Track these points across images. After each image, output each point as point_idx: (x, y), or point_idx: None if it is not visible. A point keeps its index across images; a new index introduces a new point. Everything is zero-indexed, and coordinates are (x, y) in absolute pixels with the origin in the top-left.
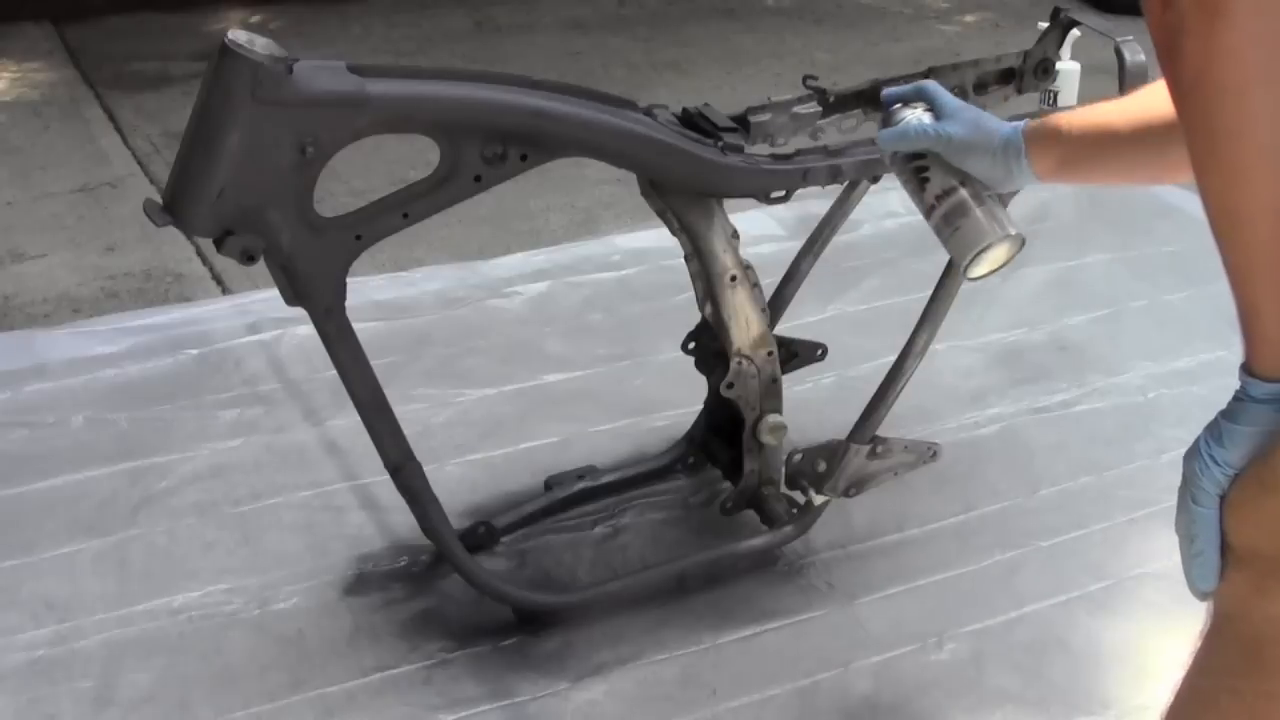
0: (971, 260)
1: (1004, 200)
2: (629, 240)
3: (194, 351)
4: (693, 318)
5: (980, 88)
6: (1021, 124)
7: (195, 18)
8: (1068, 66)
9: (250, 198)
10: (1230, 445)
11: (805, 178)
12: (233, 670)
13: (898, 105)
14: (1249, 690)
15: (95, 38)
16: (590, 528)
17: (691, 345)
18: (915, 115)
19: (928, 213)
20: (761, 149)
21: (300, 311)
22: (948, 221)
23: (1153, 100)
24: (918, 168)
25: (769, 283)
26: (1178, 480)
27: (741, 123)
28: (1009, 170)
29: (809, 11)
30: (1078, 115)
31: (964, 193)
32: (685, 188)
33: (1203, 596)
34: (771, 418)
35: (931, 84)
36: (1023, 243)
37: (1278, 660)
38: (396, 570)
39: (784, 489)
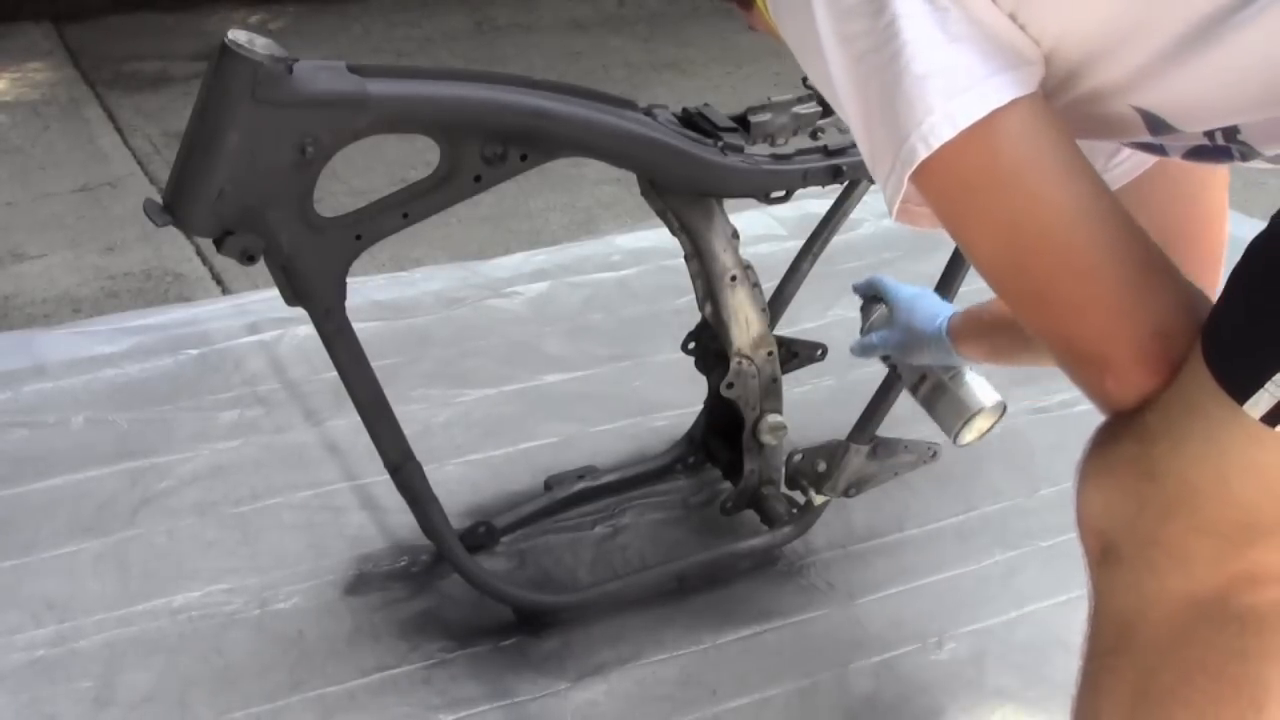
0: (955, 434)
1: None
2: (629, 240)
3: (194, 351)
4: (693, 318)
5: None
6: (946, 318)
7: (195, 18)
8: None
9: (250, 198)
10: None
11: (805, 178)
12: (233, 670)
13: (868, 301)
14: (1125, 666)
15: (95, 38)
16: (590, 528)
17: (691, 345)
18: (878, 316)
19: (913, 396)
20: (761, 149)
21: (300, 311)
22: (927, 406)
23: None
24: (891, 364)
25: (769, 283)
26: None
27: (741, 123)
28: (951, 358)
29: None
30: (995, 302)
31: (929, 382)
32: (685, 188)
33: None
34: (771, 418)
35: (880, 279)
36: (1003, 409)
37: (1145, 636)
38: (396, 570)
39: (784, 489)
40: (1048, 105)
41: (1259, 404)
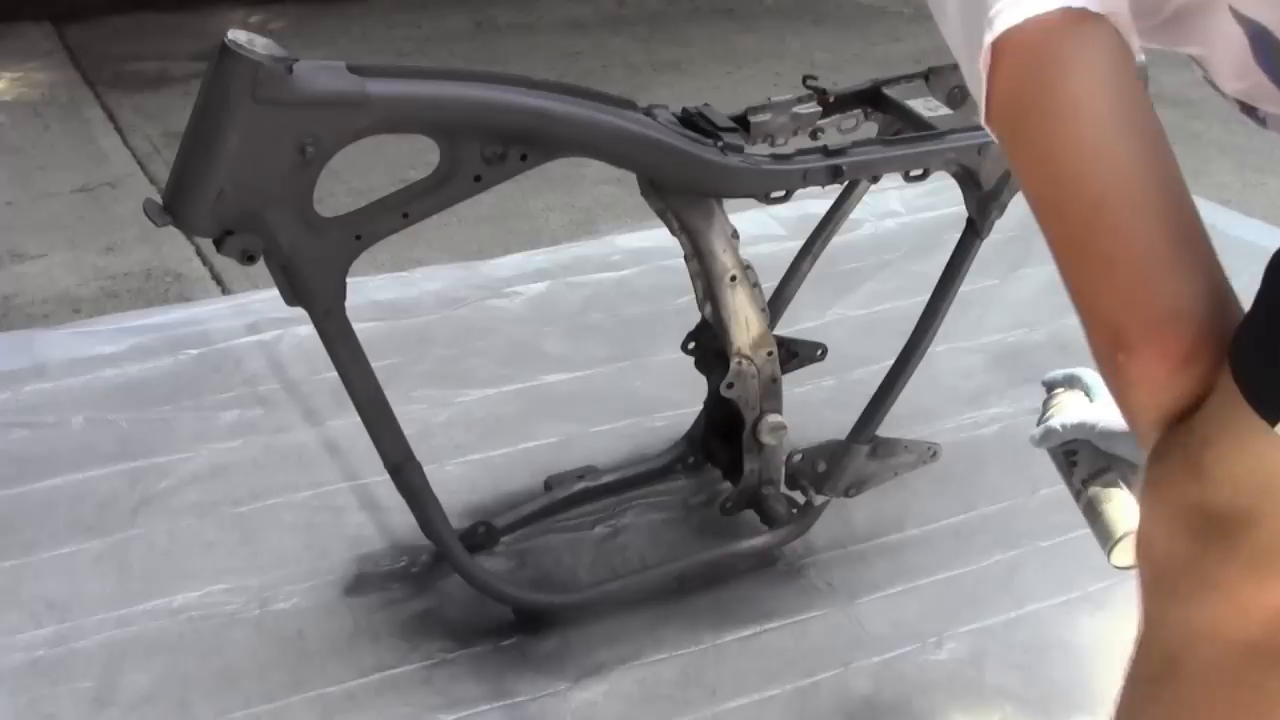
0: (1112, 547)
1: None
2: (629, 240)
3: (194, 351)
4: (693, 318)
5: None
6: None
7: (195, 18)
8: None
9: (250, 198)
10: None
11: (805, 178)
12: (233, 670)
13: (1057, 390)
14: (1169, 699)
15: (95, 38)
16: (590, 528)
17: (691, 345)
18: (1069, 399)
19: (1076, 496)
20: (761, 149)
21: (300, 311)
22: (1092, 507)
23: None
24: (1067, 451)
25: (769, 283)
26: None
27: (741, 123)
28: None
29: (809, 11)
30: None
31: (1109, 477)
32: (685, 188)
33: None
34: (771, 418)
35: (1088, 372)
36: None
37: (1192, 671)
38: (396, 570)
39: (784, 489)
40: (1127, 49)
41: None
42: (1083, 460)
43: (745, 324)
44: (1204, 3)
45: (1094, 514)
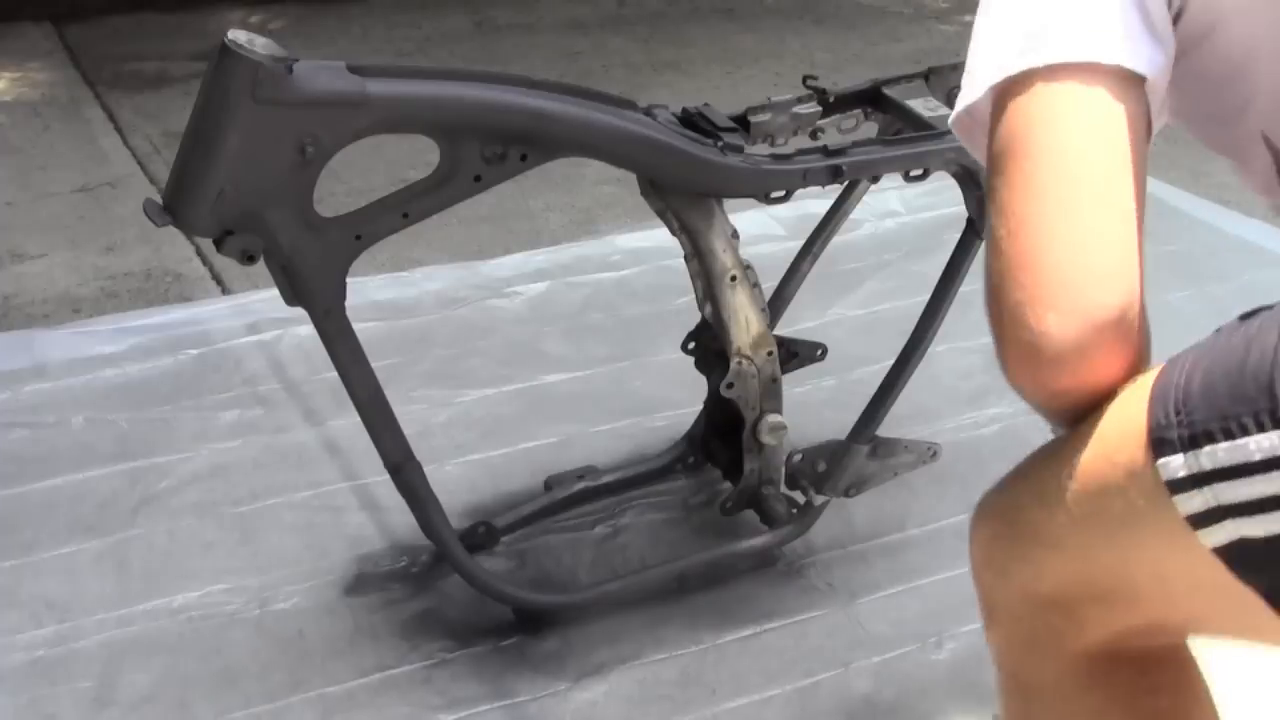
0: None
1: None
2: (629, 240)
3: (194, 351)
4: (693, 318)
5: None
6: None
7: (195, 18)
8: None
9: (250, 198)
10: None
11: (805, 178)
12: (233, 670)
13: None
14: (1004, 665)
15: (95, 38)
16: (590, 528)
17: (691, 345)
18: None
19: None
20: (761, 149)
21: (300, 311)
22: None
23: None
24: None
25: (769, 283)
26: None
27: (741, 123)
28: None
29: (809, 11)
30: None
31: None
32: (685, 188)
33: None
34: (771, 418)
35: None
36: None
37: (1050, 693)
38: (396, 570)
39: (784, 489)
40: (1148, 121)
41: (1190, 501)
42: None
43: (745, 324)
44: (1237, 116)
45: None
